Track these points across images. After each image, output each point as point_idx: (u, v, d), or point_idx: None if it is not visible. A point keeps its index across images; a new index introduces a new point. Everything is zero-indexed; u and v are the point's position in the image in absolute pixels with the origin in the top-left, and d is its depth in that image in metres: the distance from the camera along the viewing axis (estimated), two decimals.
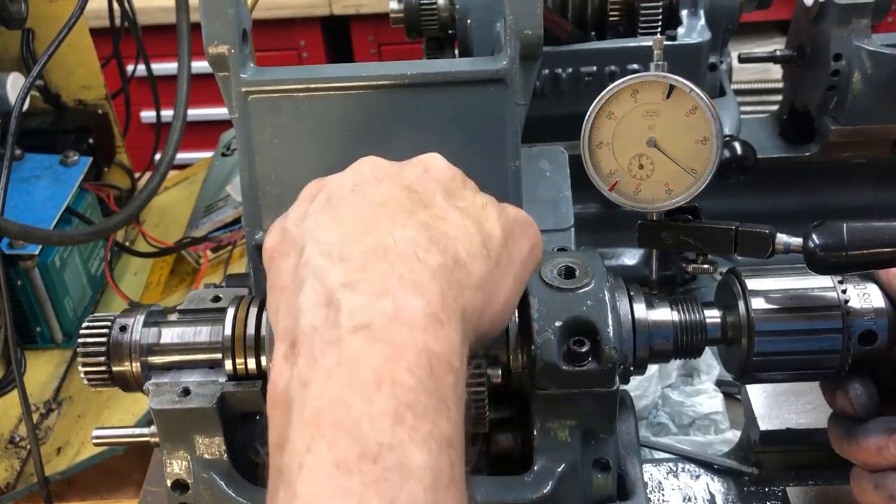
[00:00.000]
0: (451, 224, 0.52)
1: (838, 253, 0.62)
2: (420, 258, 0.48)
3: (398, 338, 0.44)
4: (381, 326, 0.45)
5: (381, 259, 0.48)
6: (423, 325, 0.45)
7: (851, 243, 0.62)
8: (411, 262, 0.48)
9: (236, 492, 0.66)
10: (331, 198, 0.54)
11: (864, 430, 0.66)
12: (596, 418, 0.66)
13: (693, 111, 0.66)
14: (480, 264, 0.51)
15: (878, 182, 1.14)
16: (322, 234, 0.50)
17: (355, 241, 0.49)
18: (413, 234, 0.49)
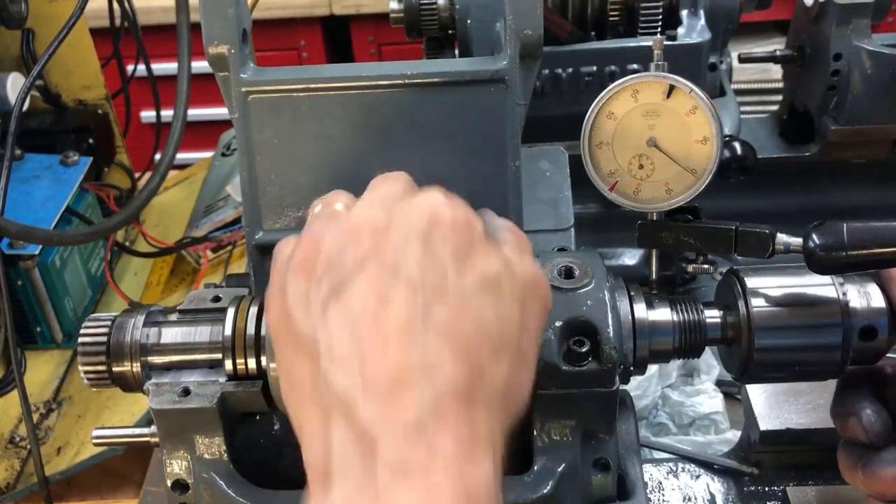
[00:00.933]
0: (470, 319, 0.49)
1: (838, 253, 0.62)
2: (447, 380, 0.46)
3: (435, 481, 0.44)
4: (416, 470, 0.44)
5: (408, 387, 0.46)
6: (457, 462, 0.44)
7: (851, 243, 0.62)
8: (439, 386, 0.46)
9: (236, 492, 0.66)
10: (333, 281, 0.50)
11: (880, 460, 0.64)
12: (596, 418, 0.66)
13: (693, 111, 0.66)
14: (504, 363, 0.50)
15: (878, 182, 1.14)
16: (336, 343, 0.48)
17: (375, 360, 0.47)
18: (435, 348, 0.47)
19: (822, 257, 0.62)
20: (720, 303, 0.70)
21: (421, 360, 0.47)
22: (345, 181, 0.74)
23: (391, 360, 0.47)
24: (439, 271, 0.50)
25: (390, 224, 0.52)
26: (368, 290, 0.49)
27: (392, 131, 0.72)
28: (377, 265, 0.50)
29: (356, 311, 0.49)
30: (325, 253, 0.52)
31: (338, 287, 0.50)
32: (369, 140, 0.72)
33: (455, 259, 0.51)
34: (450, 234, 0.52)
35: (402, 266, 0.49)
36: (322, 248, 0.52)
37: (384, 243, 0.51)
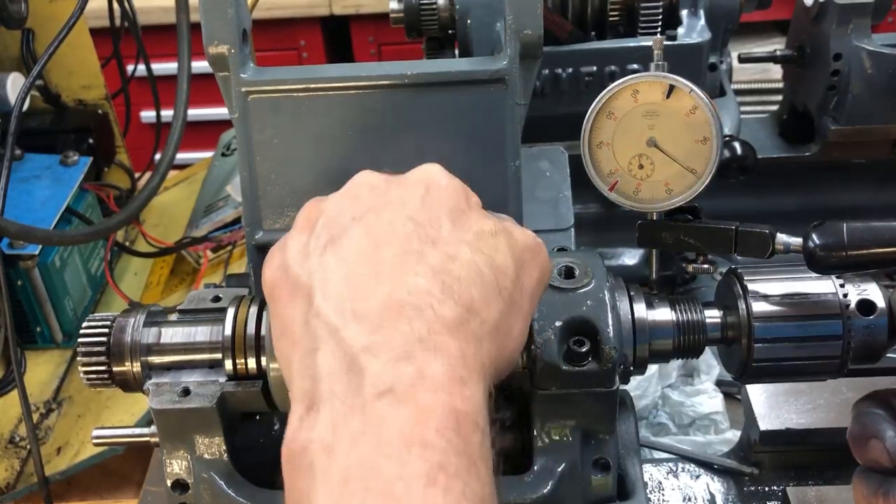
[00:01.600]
0: (463, 264, 0.50)
1: (838, 253, 0.62)
2: (437, 313, 0.47)
3: (423, 401, 0.44)
4: (405, 390, 0.44)
5: (398, 316, 0.47)
6: (447, 387, 0.45)
7: (851, 243, 0.62)
8: (429, 318, 0.47)
9: (236, 492, 0.66)
10: (332, 231, 0.52)
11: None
12: (596, 418, 0.66)
13: (693, 111, 0.66)
14: (494, 308, 0.51)
15: (878, 182, 1.14)
16: (330, 282, 0.49)
17: (367, 294, 0.48)
18: (426, 283, 0.48)
19: (822, 257, 0.62)
20: (720, 303, 0.70)
21: (411, 293, 0.48)
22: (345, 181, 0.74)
23: (382, 293, 0.48)
24: (435, 223, 0.52)
25: (389, 186, 0.54)
26: (365, 237, 0.51)
27: (392, 131, 0.72)
28: (374, 216, 0.52)
29: (351, 254, 0.50)
30: (326, 212, 0.54)
31: (336, 236, 0.52)
32: (369, 140, 0.72)
33: (450, 215, 0.53)
34: (446, 196, 0.54)
35: (399, 217, 0.51)
36: (322, 209, 0.55)
37: (382, 200, 0.53)
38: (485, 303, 0.50)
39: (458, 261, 0.50)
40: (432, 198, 0.53)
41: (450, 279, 0.49)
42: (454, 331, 0.47)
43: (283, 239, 0.56)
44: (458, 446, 0.43)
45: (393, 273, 0.49)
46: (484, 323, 0.49)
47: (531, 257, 0.56)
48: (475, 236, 0.52)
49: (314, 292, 0.50)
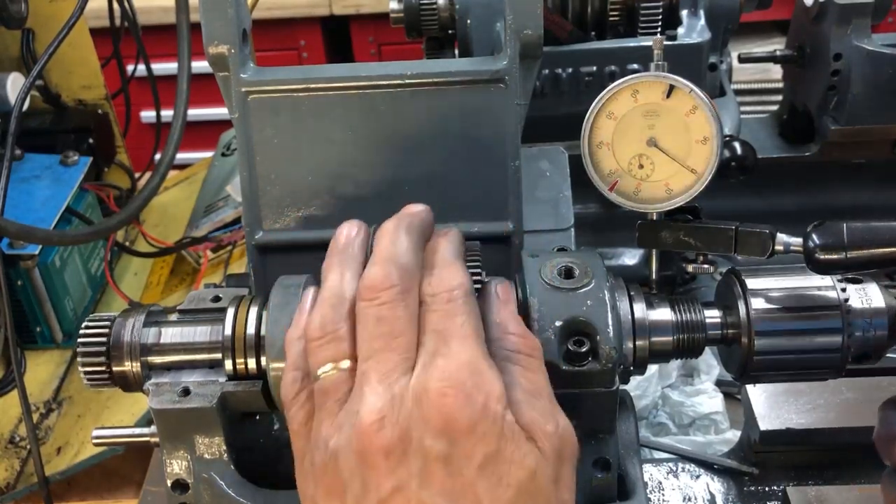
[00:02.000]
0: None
1: (838, 253, 0.62)
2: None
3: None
4: None
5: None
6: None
7: (851, 243, 0.62)
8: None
9: (236, 492, 0.66)
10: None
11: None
12: (596, 418, 0.66)
13: (693, 111, 0.66)
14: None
15: (878, 182, 1.14)
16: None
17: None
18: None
19: (822, 257, 0.62)
20: (720, 303, 0.70)
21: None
22: (345, 181, 0.74)
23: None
24: (470, 495, 0.47)
25: (406, 447, 0.49)
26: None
27: (392, 131, 0.72)
28: (402, 499, 0.48)
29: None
30: (349, 485, 0.50)
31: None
32: (369, 140, 0.72)
33: (484, 473, 0.48)
34: (472, 446, 0.48)
35: (429, 499, 0.47)
36: (342, 476, 0.50)
37: (404, 473, 0.48)
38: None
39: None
40: (458, 454, 0.48)
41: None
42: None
43: (311, 491, 0.53)
44: None
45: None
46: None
47: (564, 461, 0.52)
48: (516, 493, 0.48)
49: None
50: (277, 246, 0.76)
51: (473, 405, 0.48)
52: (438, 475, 0.47)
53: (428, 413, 0.48)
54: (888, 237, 0.61)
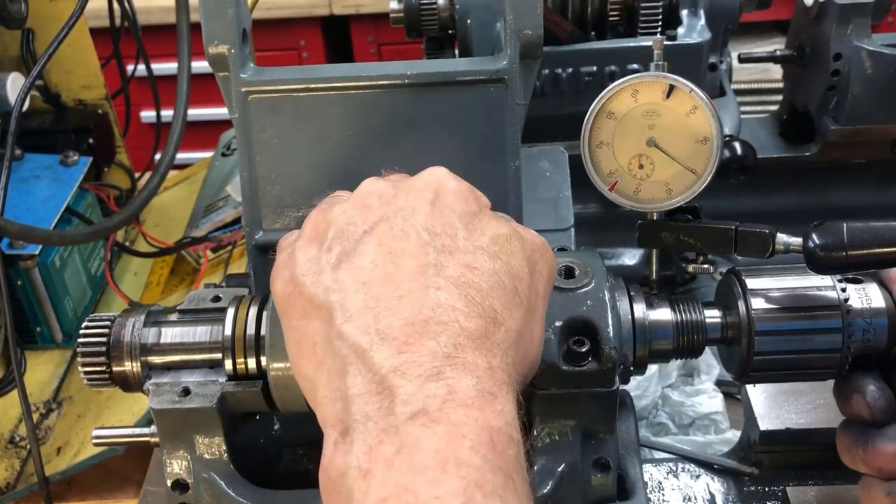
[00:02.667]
0: (483, 273, 0.50)
1: (838, 253, 0.62)
2: (462, 326, 0.47)
3: (456, 418, 0.44)
4: (437, 410, 0.44)
5: (424, 333, 0.46)
6: (479, 403, 0.45)
7: (851, 243, 0.62)
8: (454, 332, 0.47)
9: (236, 492, 0.66)
10: (343, 244, 0.51)
11: (882, 436, 0.65)
12: (596, 418, 0.66)
13: (693, 111, 0.66)
14: (516, 315, 0.50)
15: (878, 182, 1.14)
16: (349, 300, 0.49)
17: (390, 312, 0.47)
18: (448, 297, 0.48)
19: (822, 257, 0.62)
20: (720, 303, 0.70)
21: (434, 309, 0.47)
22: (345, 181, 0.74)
23: (405, 310, 0.47)
24: (448, 231, 0.51)
25: (398, 191, 0.53)
26: (379, 249, 0.50)
27: (392, 131, 0.72)
28: (387, 226, 0.51)
29: (367, 268, 0.49)
30: (335, 223, 0.53)
31: (349, 250, 0.51)
32: (369, 140, 0.72)
33: (463, 220, 0.52)
34: (456, 200, 0.53)
35: (412, 226, 0.51)
36: (331, 220, 0.53)
37: (392, 209, 0.52)
38: (507, 312, 0.50)
39: (477, 270, 0.50)
40: (443, 203, 0.53)
41: (471, 291, 0.49)
42: (480, 344, 0.47)
43: (289, 250, 0.55)
44: (493, 462, 0.43)
45: (413, 288, 0.48)
46: (508, 332, 0.49)
47: (541, 258, 0.55)
48: (491, 241, 0.52)
49: (333, 311, 0.49)
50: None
51: (461, 183, 0.55)
52: (423, 211, 0.52)
53: (422, 177, 0.55)
54: (888, 237, 0.61)
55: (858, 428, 0.67)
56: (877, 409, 0.65)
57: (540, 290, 0.54)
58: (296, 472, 0.75)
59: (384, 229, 0.51)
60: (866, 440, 0.65)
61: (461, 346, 0.46)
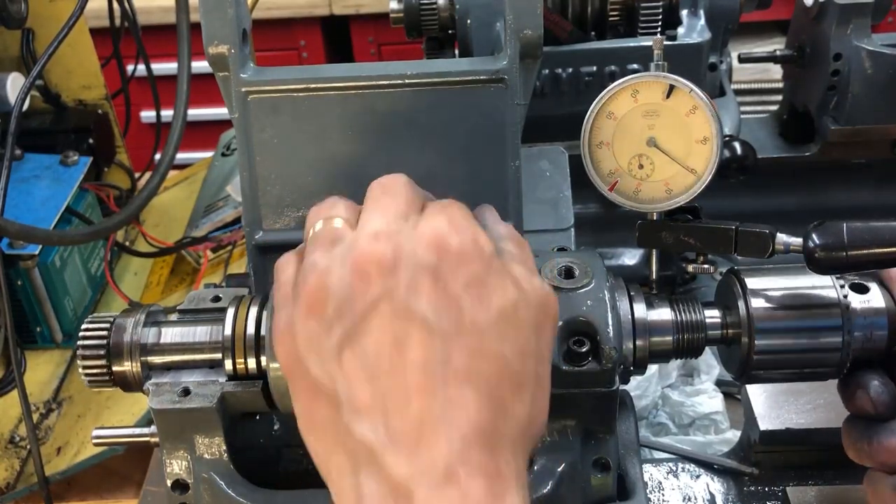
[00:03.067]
0: (491, 358, 0.48)
1: (838, 253, 0.62)
2: (472, 422, 0.46)
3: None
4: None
5: (435, 432, 0.46)
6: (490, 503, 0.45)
7: (851, 243, 0.62)
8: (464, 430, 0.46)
9: (236, 492, 0.66)
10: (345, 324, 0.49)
11: (886, 430, 0.65)
12: (596, 418, 0.66)
13: (693, 111, 0.66)
14: (525, 398, 0.50)
15: (878, 182, 1.14)
16: (356, 391, 0.48)
17: (399, 410, 0.47)
18: (457, 392, 0.47)
19: (822, 257, 0.62)
20: (720, 303, 0.70)
21: (444, 405, 0.46)
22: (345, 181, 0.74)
23: (415, 409, 0.46)
24: (454, 309, 0.49)
25: (397, 260, 0.50)
26: (383, 334, 0.48)
27: (392, 131, 0.72)
28: (389, 307, 0.48)
29: (372, 356, 0.48)
30: (334, 295, 0.50)
31: (350, 332, 0.49)
32: (369, 140, 0.72)
33: (468, 292, 0.49)
34: (460, 265, 0.50)
35: (415, 306, 0.48)
36: (329, 289, 0.50)
37: (393, 282, 0.49)
38: (516, 397, 0.49)
39: (485, 357, 0.48)
40: (447, 271, 0.50)
41: (480, 382, 0.48)
42: (490, 439, 0.47)
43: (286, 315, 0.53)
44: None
45: (421, 384, 0.47)
46: (518, 420, 0.49)
47: (544, 315, 0.53)
48: (497, 317, 0.49)
49: (341, 403, 0.48)
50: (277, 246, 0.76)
51: (463, 235, 0.51)
52: (426, 286, 0.49)
53: (422, 234, 0.51)
54: (888, 237, 0.61)
55: (863, 423, 0.67)
56: (880, 403, 0.65)
57: (545, 352, 0.53)
58: (296, 472, 0.75)
59: (386, 310, 0.48)
60: (871, 435, 0.65)
61: (471, 444, 0.46)
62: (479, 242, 0.52)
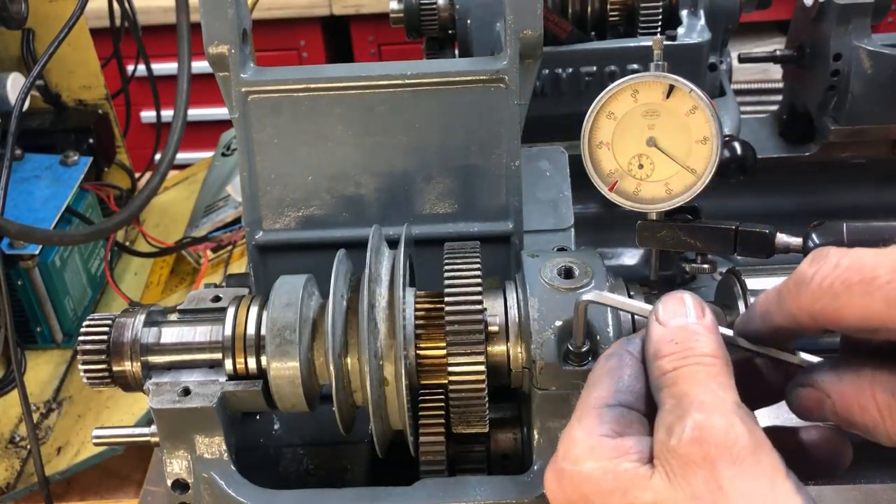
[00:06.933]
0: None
1: None
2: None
3: None
4: None
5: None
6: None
7: (851, 243, 0.61)
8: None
9: (236, 491, 0.66)
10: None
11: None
12: None
13: (693, 111, 0.66)
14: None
15: (878, 182, 1.14)
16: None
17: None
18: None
19: None
20: (720, 302, 0.70)
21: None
22: (344, 181, 0.74)
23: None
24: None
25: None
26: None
27: (392, 131, 0.72)
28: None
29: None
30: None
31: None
32: (369, 140, 0.72)
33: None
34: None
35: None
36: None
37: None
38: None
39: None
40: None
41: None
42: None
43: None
44: None
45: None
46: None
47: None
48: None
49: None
50: (277, 246, 0.76)
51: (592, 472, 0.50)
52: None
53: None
54: (888, 237, 0.61)
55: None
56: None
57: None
58: (296, 472, 0.75)
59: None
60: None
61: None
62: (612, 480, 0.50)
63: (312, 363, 0.65)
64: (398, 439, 0.68)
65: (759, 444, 0.47)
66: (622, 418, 0.53)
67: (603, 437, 0.51)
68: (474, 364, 0.61)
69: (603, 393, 0.54)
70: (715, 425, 0.47)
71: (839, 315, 0.49)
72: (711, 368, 0.51)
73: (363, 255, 0.64)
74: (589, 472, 0.50)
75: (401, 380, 0.62)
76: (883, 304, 0.47)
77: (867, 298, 0.47)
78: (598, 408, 0.53)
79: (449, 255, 0.65)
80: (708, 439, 0.47)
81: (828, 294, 0.49)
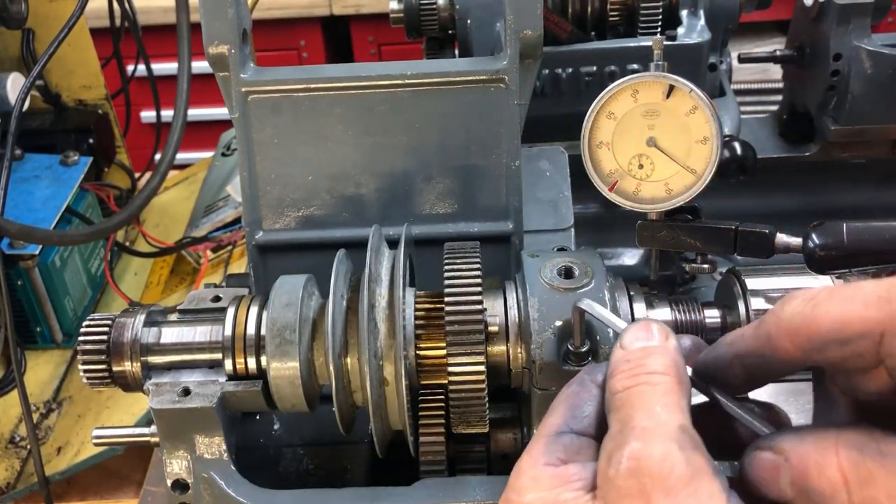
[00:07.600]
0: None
1: (838, 253, 0.62)
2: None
3: None
4: None
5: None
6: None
7: (851, 243, 0.62)
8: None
9: (236, 491, 0.66)
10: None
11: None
12: None
13: (693, 111, 0.66)
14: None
15: (878, 182, 1.14)
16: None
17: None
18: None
19: (821, 257, 0.62)
20: (720, 303, 0.70)
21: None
22: (344, 181, 0.74)
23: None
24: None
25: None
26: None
27: (392, 131, 0.72)
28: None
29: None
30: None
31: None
32: (369, 140, 0.72)
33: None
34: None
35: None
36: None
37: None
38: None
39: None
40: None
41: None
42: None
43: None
44: None
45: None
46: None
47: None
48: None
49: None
50: (277, 246, 0.76)
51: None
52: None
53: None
54: (888, 237, 0.61)
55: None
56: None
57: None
58: (296, 472, 0.75)
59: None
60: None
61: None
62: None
63: (312, 363, 0.65)
64: (398, 439, 0.68)
65: (697, 472, 0.46)
66: (570, 445, 0.52)
67: (546, 466, 0.50)
68: (474, 364, 0.61)
69: (556, 420, 0.53)
70: (652, 454, 0.46)
71: (816, 321, 0.47)
72: (658, 387, 0.49)
73: (363, 255, 0.64)
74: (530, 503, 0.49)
75: (401, 380, 0.62)
76: (861, 304, 0.46)
77: (846, 304, 0.46)
78: (547, 436, 0.52)
79: (449, 255, 0.65)
80: (644, 470, 0.45)
81: (808, 304, 0.48)
